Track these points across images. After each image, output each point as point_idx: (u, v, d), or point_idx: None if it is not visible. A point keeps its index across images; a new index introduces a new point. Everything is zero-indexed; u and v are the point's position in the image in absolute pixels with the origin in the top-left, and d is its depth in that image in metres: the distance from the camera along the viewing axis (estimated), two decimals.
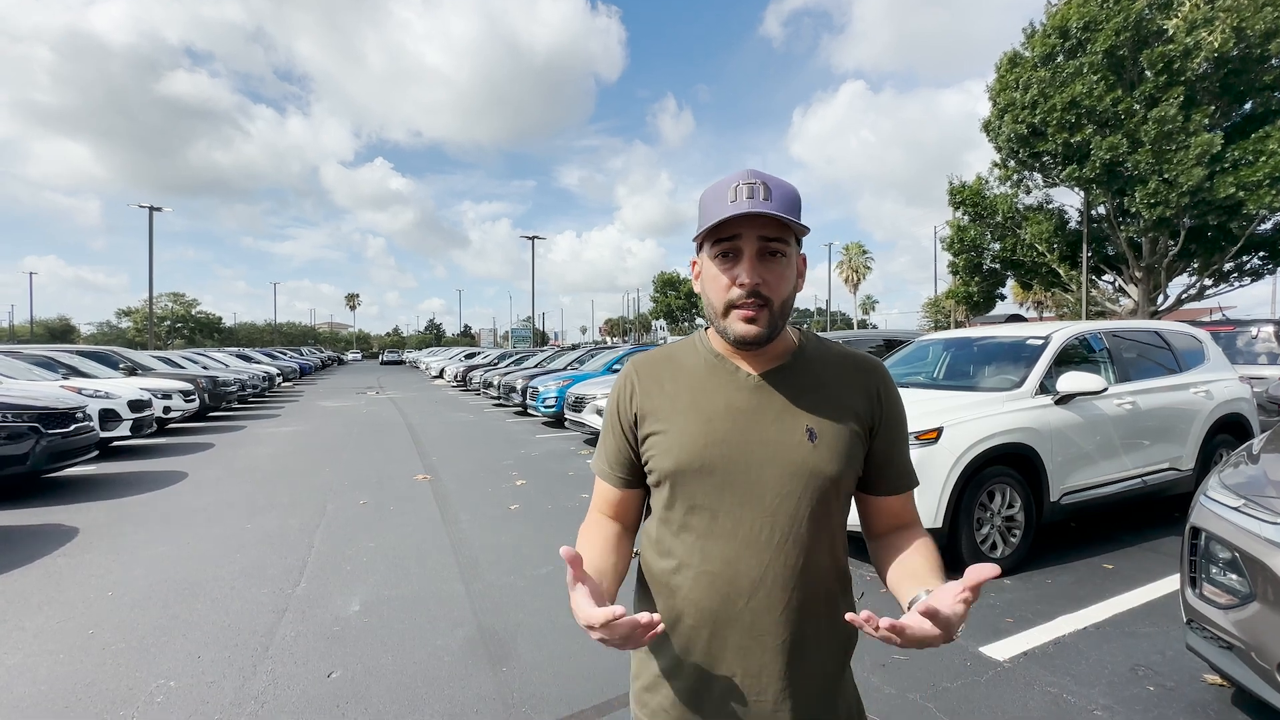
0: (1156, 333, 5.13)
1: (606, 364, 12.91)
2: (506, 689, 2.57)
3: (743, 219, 0.85)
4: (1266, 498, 2.14)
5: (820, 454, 0.89)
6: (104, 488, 6.49)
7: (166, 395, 10.67)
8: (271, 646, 2.95)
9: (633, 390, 1.00)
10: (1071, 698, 2.46)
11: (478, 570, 3.98)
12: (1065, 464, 4.05)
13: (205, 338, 58.63)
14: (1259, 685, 2.00)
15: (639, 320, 72.16)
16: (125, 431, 8.42)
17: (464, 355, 30.37)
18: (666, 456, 0.93)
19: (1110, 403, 4.31)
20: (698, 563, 0.91)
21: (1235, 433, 4.99)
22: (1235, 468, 2.48)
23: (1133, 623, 3.11)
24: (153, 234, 31.90)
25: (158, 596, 3.56)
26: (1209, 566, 2.26)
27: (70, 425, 6.36)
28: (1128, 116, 13.86)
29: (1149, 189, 13.61)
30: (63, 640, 3.02)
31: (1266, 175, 12.33)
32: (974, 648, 2.86)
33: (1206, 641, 2.22)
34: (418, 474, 7.06)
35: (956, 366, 5.13)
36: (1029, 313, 40.57)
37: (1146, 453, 4.47)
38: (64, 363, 10.13)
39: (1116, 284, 18.07)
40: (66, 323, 58.81)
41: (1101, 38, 13.96)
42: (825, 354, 0.98)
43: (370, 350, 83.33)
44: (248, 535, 4.73)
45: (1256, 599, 2.02)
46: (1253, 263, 16.09)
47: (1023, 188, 17.75)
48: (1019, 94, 15.44)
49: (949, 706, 2.41)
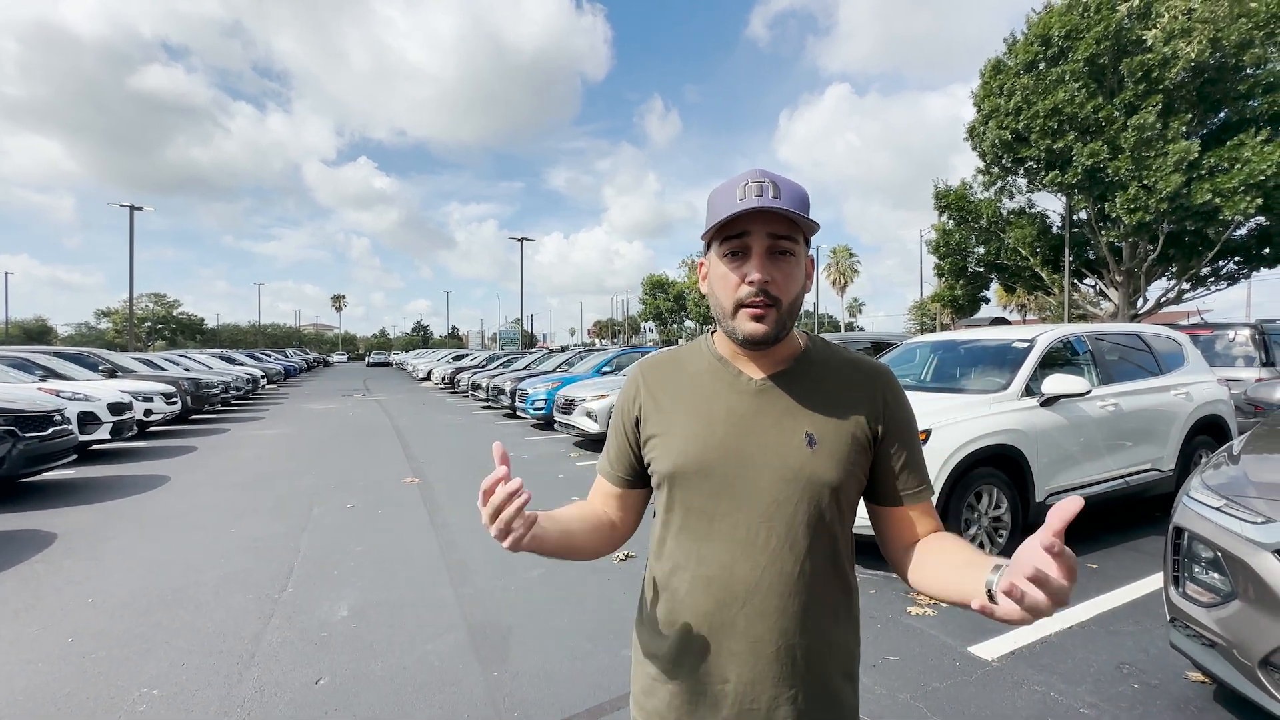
0: (1138, 336, 5.22)
1: (596, 366, 12.88)
2: (497, 693, 2.55)
3: (752, 217, 0.85)
4: (1247, 498, 2.19)
5: (819, 460, 0.88)
6: (83, 492, 6.36)
7: (147, 397, 10.48)
8: (258, 653, 2.90)
9: (638, 392, 1.00)
10: (1058, 696, 2.49)
11: (467, 574, 3.95)
12: (1050, 465, 4.11)
13: (187, 339, 57.73)
14: (1240, 682, 2.03)
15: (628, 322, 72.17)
16: (105, 435, 8.24)
17: (452, 357, 30.14)
18: (666, 459, 0.93)
19: (1094, 404, 4.38)
20: (694, 566, 0.91)
21: (1214, 434, 5.09)
22: (1216, 469, 2.53)
23: (1117, 621, 3.16)
24: (133, 233, 31.37)
25: (139, 603, 3.49)
26: (1192, 566, 2.30)
27: (48, 428, 6.22)
28: (1108, 123, 14.13)
29: (1129, 195, 13.88)
30: (41, 649, 2.95)
31: (1241, 182, 12.62)
32: (963, 647, 2.89)
33: (1190, 639, 2.26)
34: (406, 477, 6.99)
35: (944, 369, 5.19)
36: (1012, 315, 41.16)
37: (1128, 454, 4.55)
38: (41, 364, 9.91)
39: (1097, 288, 18.41)
40: (43, 324, 57.61)
41: (1083, 46, 14.24)
42: (830, 358, 0.97)
43: (356, 352, 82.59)
44: (232, 540, 4.66)
45: (1238, 597, 2.06)
46: (1228, 267, 16.47)
47: (1006, 193, 18.05)
48: (1003, 100, 15.70)
49: (938, 706, 2.43)
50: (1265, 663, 1.95)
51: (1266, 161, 12.35)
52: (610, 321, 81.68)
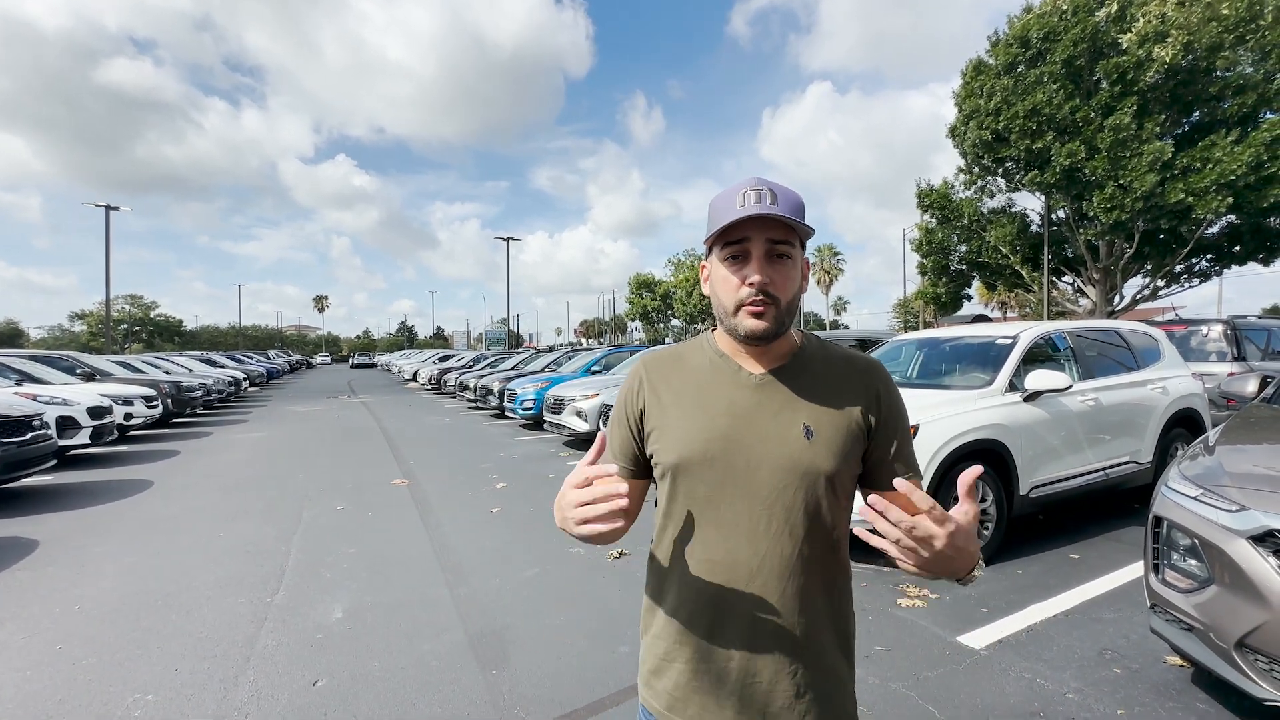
0: (1116, 332, 5.36)
1: (584, 366, 12.89)
2: (497, 692, 2.57)
3: (751, 222, 0.90)
4: (1222, 487, 2.28)
5: (816, 450, 0.94)
6: (64, 498, 6.24)
7: (128, 401, 10.29)
8: (253, 656, 2.89)
9: (641, 386, 1.05)
10: (1045, 682, 2.56)
11: (462, 574, 3.95)
12: (1034, 458, 4.21)
13: (165, 341, 56.50)
14: (1217, 664, 2.12)
15: (615, 322, 72.09)
16: (85, 439, 8.09)
17: (438, 358, 29.90)
18: (670, 450, 0.98)
19: (1075, 399, 4.50)
20: (698, 551, 0.96)
21: (1189, 427, 5.24)
22: (1193, 460, 2.62)
23: (1099, 609, 3.25)
24: (109, 234, 30.70)
25: (128, 609, 3.45)
26: (1170, 553, 2.38)
27: (26, 433, 6.09)
28: (1085, 124, 14.43)
29: (1105, 194, 14.19)
30: (29, 657, 2.91)
31: (1213, 181, 12.96)
32: (951, 637, 2.96)
33: (1169, 624, 2.34)
34: (395, 479, 6.95)
35: (929, 366, 5.28)
36: (993, 313, 41.80)
37: (1108, 447, 4.67)
38: (16, 368, 9.67)
39: (1076, 285, 18.78)
40: (15, 326, 56.03)
41: (1060, 48, 14.53)
42: (826, 355, 1.03)
43: (340, 353, 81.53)
44: (221, 544, 4.61)
45: (1214, 583, 2.15)
46: (1201, 265, 16.90)
47: (987, 192, 18.35)
48: (983, 101, 15.95)
49: (930, 694, 2.49)
50: (1240, 645, 2.03)
51: (1237, 161, 12.70)
52: (597, 321, 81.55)
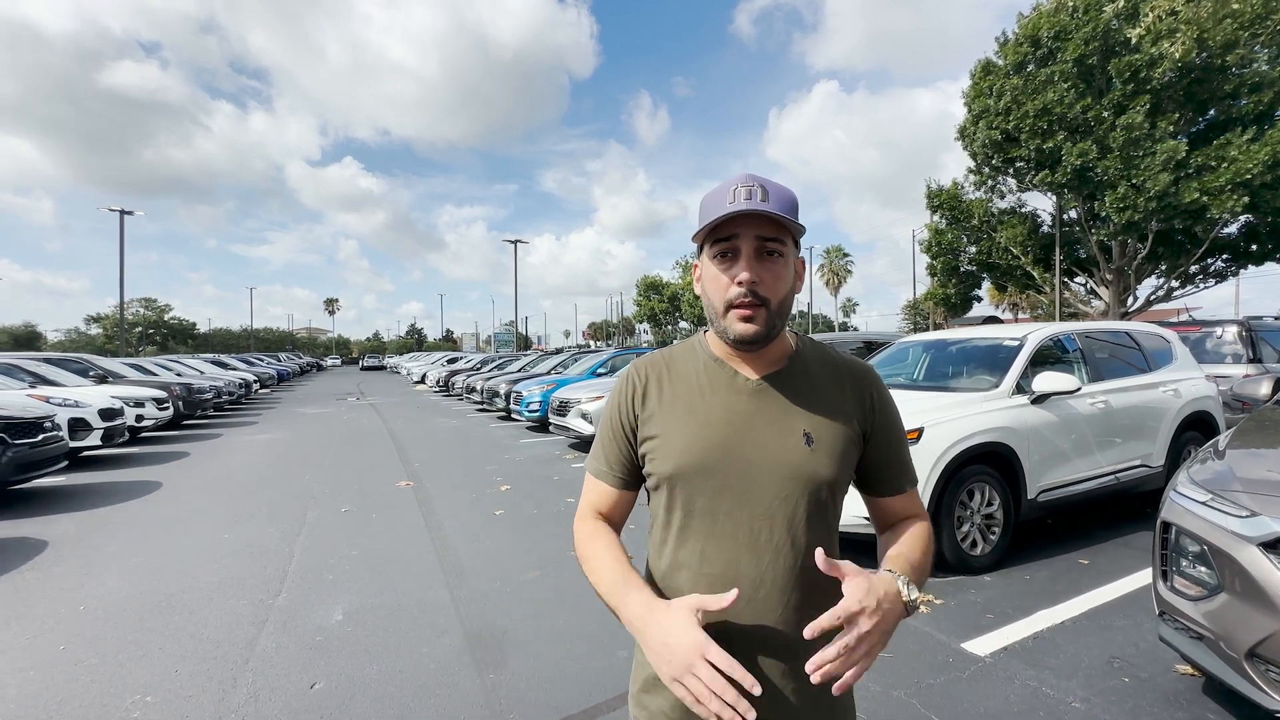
0: (1127, 333, 5.27)
1: (591, 368, 12.88)
2: (494, 696, 2.56)
3: (741, 219, 0.87)
4: (1233, 492, 2.22)
5: (818, 458, 0.91)
6: (74, 499, 6.31)
7: (139, 403, 10.41)
8: (252, 658, 2.89)
9: (634, 392, 1.01)
10: (1050, 691, 2.51)
11: (463, 577, 3.94)
12: (1041, 462, 4.15)
13: (179, 344, 57.25)
14: (1228, 674, 2.06)
15: (623, 323, 72.13)
16: (96, 441, 8.19)
17: (446, 360, 30.07)
18: (665, 460, 0.94)
19: (1084, 402, 4.42)
20: (698, 565, 0.92)
21: (1202, 430, 5.15)
22: (1203, 464, 2.56)
23: (1108, 616, 3.19)
24: (124, 237, 31.16)
25: (132, 610, 3.47)
26: (1179, 560, 2.33)
27: (38, 435, 6.17)
28: (1097, 123, 14.24)
29: (1118, 194, 14.00)
30: (33, 657, 2.93)
31: (1228, 181, 12.74)
32: (955, 644, 2.91)
33: (1178, 633, 2.28)
34: (400, 480, 6.97)
35: (936, 368, 5.22)
36: (1004, 314, 41.38)
37: (1118, 450, 4.59)
38: (31, 370, 9.83)
39: (1088, 286, 18.54)
40: (32, 329, 56.97)
41: (1071, 47, 14.35)
42: (821, 358, 1.01)
43: (350, 355, 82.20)
44: (226, 545, 4.63)
45: (1224, 590, 2.09)
46: (1216, 265, 16.62)
47: (997, 192, 18.16)
48: (992, 101, 15.79)
49: (932, 702, 2.44)
50: (1251, 654, 1.97)
51: (1253, 160, 12.48)
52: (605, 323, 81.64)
